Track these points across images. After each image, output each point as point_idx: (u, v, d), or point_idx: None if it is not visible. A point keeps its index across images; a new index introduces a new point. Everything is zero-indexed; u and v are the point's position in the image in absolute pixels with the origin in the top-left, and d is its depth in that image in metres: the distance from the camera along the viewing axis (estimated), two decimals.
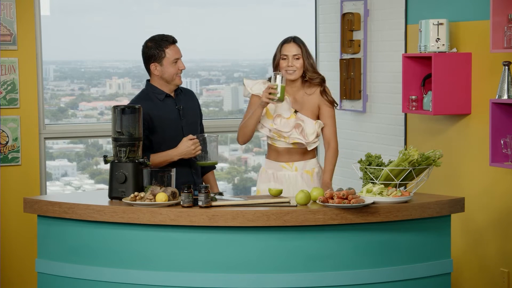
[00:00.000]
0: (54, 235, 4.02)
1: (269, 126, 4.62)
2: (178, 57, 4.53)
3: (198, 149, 4.43)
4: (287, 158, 4.67)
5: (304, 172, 4.67)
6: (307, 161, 4.68)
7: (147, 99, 4.51)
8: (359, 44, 6.05)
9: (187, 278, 3.77)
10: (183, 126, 4.58)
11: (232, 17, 6.96)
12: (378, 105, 5.95)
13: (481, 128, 5.04)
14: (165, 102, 4.55)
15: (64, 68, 6.93)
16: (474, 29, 5.08)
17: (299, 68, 4.58)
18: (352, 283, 3.81)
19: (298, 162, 4.67)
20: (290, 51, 4.57)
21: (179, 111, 4.57)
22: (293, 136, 4.59)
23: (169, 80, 4.52)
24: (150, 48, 4.51)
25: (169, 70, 4.51)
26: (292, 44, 4.59)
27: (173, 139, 4.50)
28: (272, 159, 4.71)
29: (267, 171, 4.72)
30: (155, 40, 4.52)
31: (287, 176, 4.66)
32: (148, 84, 4.59)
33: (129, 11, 6.81)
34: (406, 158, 3.98)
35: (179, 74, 4.55)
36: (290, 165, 4.67)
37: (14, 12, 5.58)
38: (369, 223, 3.82)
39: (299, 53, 4.57)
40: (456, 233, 5.06)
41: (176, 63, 4.51)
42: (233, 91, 7.23)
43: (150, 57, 4.51)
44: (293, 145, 4.64)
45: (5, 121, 5.57)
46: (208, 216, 3.73)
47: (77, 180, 6.82)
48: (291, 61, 4.56)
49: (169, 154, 4.45)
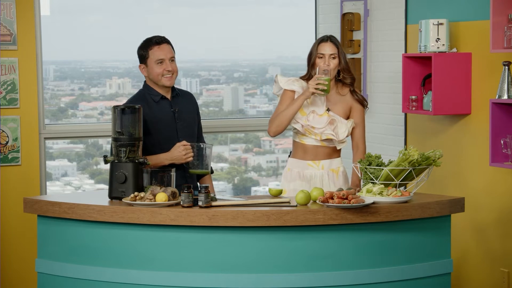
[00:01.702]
0: (54, 235, 4.02)
1: (302, 122, 4.62)
2: (163, 58, 4.47)
3: (190, 155, 4.41)
4: (314, 156, 4.66)
5: (330, 170, 4.67)
6: (333, 160, 4.68)
7: (142, 100, 4.50)
8: (359, 44, 6.05)
9: (187, 278, 3.77)
10: (178, 129, 4.56)
11: (232, 17, 6.96)
12: (378, 105, 5.95)
13: (481, 128, 5.04)
14: (160, 104, 4.54)
15: (64, 68, 6.93)
16: (474, 29, 5.08)
17: (334, 68, 4.61)
18: (352, 283, 3.81)
19: (324, 161, 4.66)
20: (327, 50, 4.61)
21: (174, 114, 4.56)
22: (326, 132, 4.60)
23: (156, 81, 4.50)
24: (138, 50, 4.54)
25: (153, 70, 4.47)
26: (329, 43, 4.62)
27: (167, 141, 4.49)
28: (298, 158, 4.70)
29: (292, 170, 4.70)
30: (144, 42, 4.53)
31: (313, 175, 4.66)
32: (145, 85, 4.59)
33: (129, 11, 6.82)
34: (406, 158, 3.98)
35: (166, 76, 4.49)
36: (317, 164, 4.66)
37: (14, 12, 5.58)
38: (369, 223, 3.82)
39: (335, 52, 4.61)
40: (457, 233, 5.06)
41: (161, 63, 4.47)
42: (233, 91, 7.23)
43: (139, 58, 4.54)
44: (322, 143, 4.64)
45: (5, 121, 5.57)
46: (208, 216, 3.73)
47: (77, 180, 6.82)
48: (327, 60, 4.60)
49: (160, 158, 4.44)
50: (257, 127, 6.59)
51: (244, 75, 7.34)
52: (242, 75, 7.33)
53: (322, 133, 4.61)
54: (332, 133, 4.60)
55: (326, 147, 4.66)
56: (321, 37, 4.67)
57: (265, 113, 6.94)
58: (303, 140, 4.68)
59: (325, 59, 4.60)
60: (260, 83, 7.36)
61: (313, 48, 4.65)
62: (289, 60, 7.42)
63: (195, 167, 4.43)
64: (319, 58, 4.61)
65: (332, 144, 4.65)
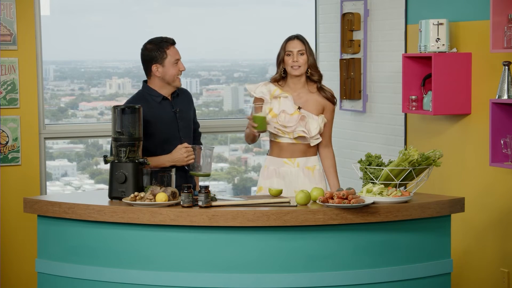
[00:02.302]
0: (54, 235, 4.02)
1: (273, 124, 4.70)
2: (178, 58, 4.56)
3: (191, 158, 4.44)
4: (290, 154, 4.73)
5: (305, 168, 4.72)
6: (309, 158, 4.75)
7: (143, 100, 4.50)
8: (359, 44, 6.05)
9: (187, 278, 3.77)
10: (179, 129, 4.58)
11: (232, 17, 6.96)
12: (378, 105, 5.95)
13: (481, 128, 5.04)
14: (162, 104, 4.55)
15: (64, 68, 6.93)
16: (474, 29, 5.08)
17: (303, 64, 4.69)
18: (352, 283, 3.81)
19: (300, 158, 4.73)
20: (294, 47, 4.69)
21: (176, 114, 4.57)
22: (298, 129, 4.67)
23: (170, 81, 4.53)
24: (151, 50, 4.52)
25: (170, 71, 4.52)
26: (296, 40, 4.72)
27: (169, 142, 4.50)
28: (274, 156, 4.78)
29: (269, 167, 4.77)
30: (154, 42, 4.54)
31: (289, 172, 4.71)
32: (145, 85, 4.60)
33: (129, 11, 6.81)
34: (406, 158, 3.98)
35: (179, 76, 4.57)
36: (292, 161, 4.72)
37: (14, 12, 5.58)
38: (369, 223, 3.82)
39: (303, 49, 4.70)
40: (456, 233, 5.06)
41: (176, 64, 4.53)
42: (233, 91, 7.23)
43: (151, 59, 4.52)
44: (296, 140, 4.70)
45: (5, 121, 5.57)
46: (208, 216, 3.73)
47: (77, 180, 6.82)
48: (296, 56, 4.68)
49: (161, 159, 4.46)
50: None
51: (244, 75, 7.34)
52: (242, 75, 7.33)
53: (293, 131, 4.68)
54: (304, 129, 4.68)
55: (300, 144, 4.73)
56: (289, 36, 4.77)
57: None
58: (278, 139, 4.75)
59: (293, 56, 4.67)
60: None
61: (281, 48, 4.74)
62: None
63: (195, 169, 4.44)
64: (287, 56, 4.70)
65: (306, 141, 4.72)
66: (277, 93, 4.71)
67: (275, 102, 4.71)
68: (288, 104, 4.70)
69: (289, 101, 4.70)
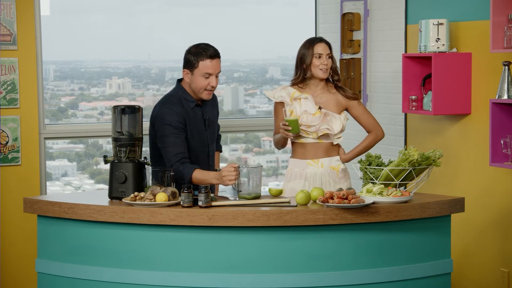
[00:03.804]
0: (54, 235, 4.02)
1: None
2: (212, 73, 4.36)
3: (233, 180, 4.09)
4: (313, 154, 4.75)
5: (329, 168, 4.73)
6: (332, 158, 4.77)
7: (179, 104, 4.40)
8: (359, 44, 6.05)
9: (187, 278, 3.77)
10: (208, 136, 4.53)
11: (232, 17, 6.96)
12: (378, 105, 5.95)
13: (481, 128, 5.04)
14: (194, 111, 4.46)
15: (64, 68, 6.93)
16: (474, 29, 5.08)
17: (330, 67, 4.74)
18: (352, 283, 3.81)
19: (324, 159, 4.74)
20: (324, 50, 4.72)
21: (205, 121, 4.52)
22: (322, 127, 4.70)
23: (196, 92, 4.41)
24: (189, 53, 4.40)
25: (197, 81, 4.39)
26: (323, 43, 4.75)
27: (197, 149, 4.45)
28: (298, 157, 4.78)
29: (293, 169, 4.79)
30: (197, 48, 4.40)
31: (313, 173, 4.73)
32: (181, 87, 4.47)
33: (129, 11, 6.81)
34: (406, 158, 3.98)
35: (209, 89, 4.40)
36: (316, 162, 4.74)
37: (14, 12, 5.58)
38: (369, 223, 3.82)
39: (330, 52, 4.75)
40: (456, 233, 5.06)
41: (207, 78, 4.38)
42: (233, 91, 7.22)
43: (185, 62, 4.41)
44: (320, 140, 4.73)
45: (5, 121, 5.57)
46: (208, 216, 3.73)
47: (77, 180, 6.82)
48: (325, 59, 4.70)
49: (209, 175, 4.21)
50: (257, 127, 6.59)
51: (244, 75, 7.34)
52: (242, 75, 7.33)
53: (318, 129, 4.69)
54: (328, 127, 4.69)
55: (324, 143, 4.75)
56: (312, 38, 4.78)
57: (265, 113, 6.93)
58: (301, 140, 4.74)
59: (323, 58, 4.69)
60: (260, 83, 7.36)
61: (307, 50, 4.72)
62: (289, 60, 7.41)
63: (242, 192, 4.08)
64: (317, 58, 4.69)
65: (330, 140, 4.73)
66: (297, 95, 4.72)
67: (296, 104, 4.73)
68: (309, 104, 4.72)
69: (309, 101, 4.73)
